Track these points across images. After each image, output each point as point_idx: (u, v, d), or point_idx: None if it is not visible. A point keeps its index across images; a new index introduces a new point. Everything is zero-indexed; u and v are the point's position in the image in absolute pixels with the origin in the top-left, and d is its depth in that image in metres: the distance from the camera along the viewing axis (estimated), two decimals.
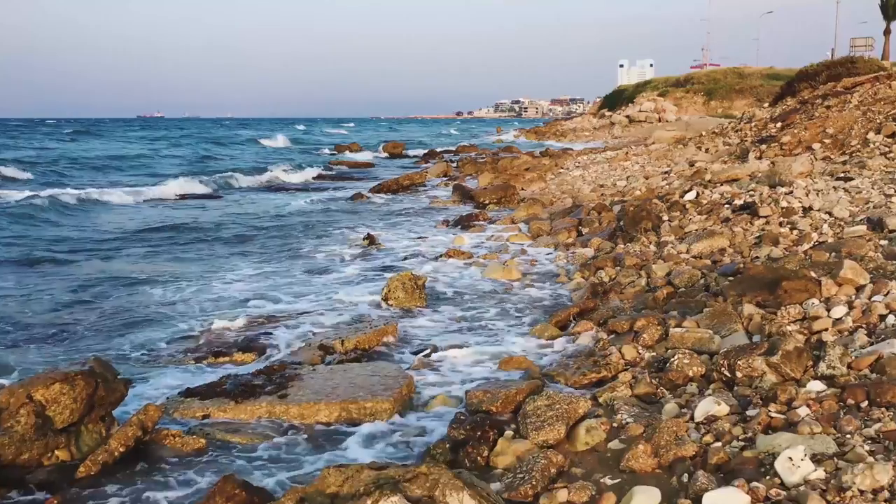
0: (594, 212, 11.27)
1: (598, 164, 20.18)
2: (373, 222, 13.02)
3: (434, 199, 16.46)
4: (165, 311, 7.10)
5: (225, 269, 9.19)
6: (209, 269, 9.21)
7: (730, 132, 18.50)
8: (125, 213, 14.97)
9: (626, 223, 9.73)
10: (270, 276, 8.67)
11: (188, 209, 15.89)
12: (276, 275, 8.69)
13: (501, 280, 7.96)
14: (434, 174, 23.02)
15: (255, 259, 9.89)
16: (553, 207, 13.95)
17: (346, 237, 11.34)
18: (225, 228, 12.80)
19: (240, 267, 9.26)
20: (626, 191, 14.60)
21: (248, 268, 9.20)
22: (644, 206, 10.68)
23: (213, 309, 7.10)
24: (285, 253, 10.30)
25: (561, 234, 10.24)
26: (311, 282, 8.18)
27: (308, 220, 13.77)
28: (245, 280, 8.45)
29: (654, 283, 7.35)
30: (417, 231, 11.77)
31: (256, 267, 9.26)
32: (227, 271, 9.02)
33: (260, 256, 10.09)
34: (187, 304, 7.36)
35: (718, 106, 52.17)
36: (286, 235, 11.86)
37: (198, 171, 25.53)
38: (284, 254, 10.24)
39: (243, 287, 8.07)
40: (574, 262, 8.70)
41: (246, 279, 8.49)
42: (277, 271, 8.93)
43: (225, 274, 8.83)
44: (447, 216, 13.42)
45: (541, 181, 18.03)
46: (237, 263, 9.50)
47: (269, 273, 8.83)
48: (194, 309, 7.13)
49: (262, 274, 8.80)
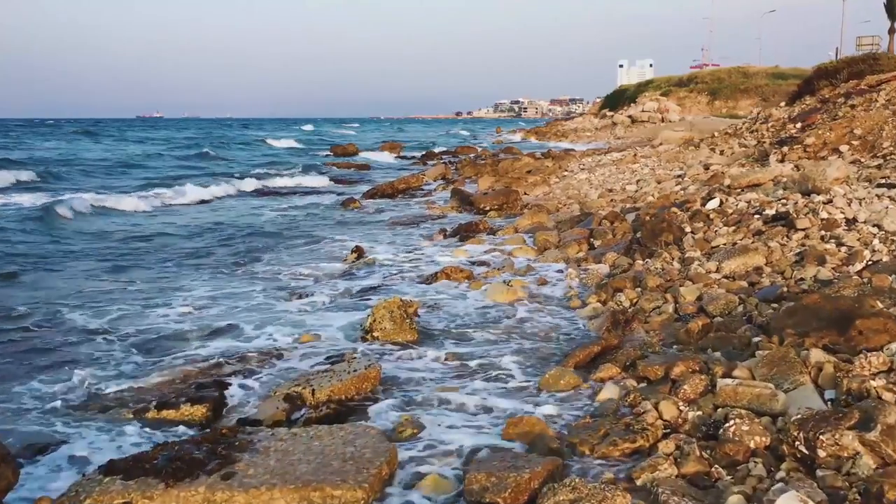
0: (606, 221, 10.23)
1: (604, 166, 19.14)
2: (362, 232, 11.96)
3: (431, 204, 15.42)
4: (97, 344, 5.95)
5: (178, 290, 7.90)
6: (159, 290, 7.93)
7: (744, 133, 17.46)
8: (89, 222, 13.81)
9: (644, 236, 8.70)
10: (233, 299, 7.42)
11: (161, 216, 14.73)
12: (239, 298, 7.48)
13: (505, 304, 6.92)
14: (432, 177, 21.98)
15: (217, 278, 8.55)
16: (559, 214, 12.92)
17: (329, 250, 10.26)
18: (189, 241, 11.47)
19: (196, 288, 8.00)
20: (637, 196, 13.56)
21: (206, 289, 7.96)
22: (663, 217, 9.65)
23: (158, 343, 5.99)
24: (254, 270, 9.05)
25: (570, 246, 9.19)
26: (281, 308, 7.04)
27: (289, 229, 12.63)
28: (200, 306, 7.16)
29: (684, 310, 6.31)
30: (411, 242, 10.73)
31: (217, 287, 8.01)
32: (181, 294, 7.71)
33: (223, 274, 8.82)
34: (125, 335, 6.18)
35: (723, 106, 51.11)
36: (259, 249, 10.54)
37: (195, 174, 24.56)
38: (253, 271, 8.98)
39: (198, 315, 6.84)
40: (588, 281, 7.65)
41: (202, 305, 7.21)
42: (241, 293, 7.68)
43: (177, 297, 7.54)
44: (445, 225, 12.38)
45: (544, 185, 16.99)
46: (194, 284, 8.23)
47: (231, 295, 7.59)
48: (134, 342, 6.03)
49: (223, 297, 7.55)
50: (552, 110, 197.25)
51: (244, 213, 15.15)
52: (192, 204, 17.19)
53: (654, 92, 57.40)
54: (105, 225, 13.39)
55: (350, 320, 6.43)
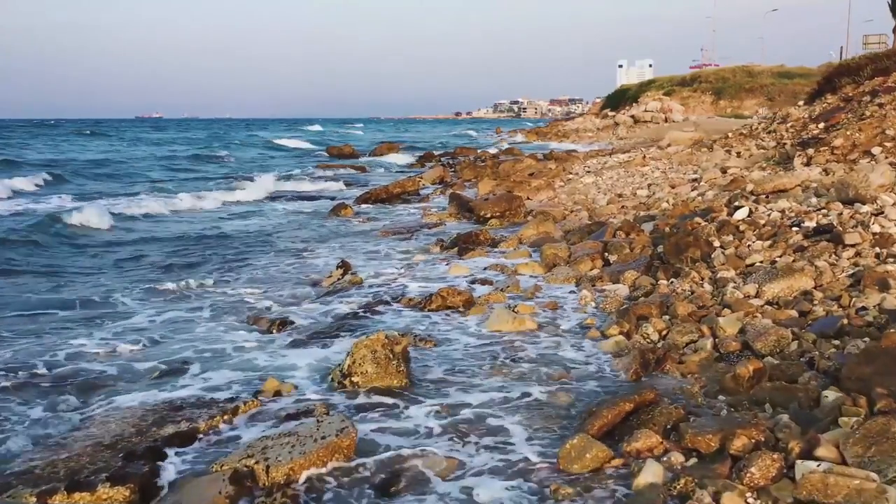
0: (621, 233, 9.18)
1: (611, 169, 18.11)
2: (351, 243, 10.91)
3: (427, 211, 14.37)
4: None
5: (115, 317, 6.67)
6: (91, 317, 6.70)
7: (761, 133, 16.42)
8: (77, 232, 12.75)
9: (667, 251, 7.66)
10: (182, 330, 6.23)
11: (132, 227, 13.61)
12: (189, 328, 6.27)
13: (511, 334, 5.88)
14: (429, 180, 20.93)
15: (167, 301, 7.42)
16: (566, 223, 11.87)
17: (311, 266, 9.20)
18: (146, 254, 10.29)
19: (137, 313, 6.79)
20: (651, 203, 12.52)
21: (150, 314, 6.73)
22: (688, 228, 8.62)
23: (82, 389, 4.87)
24: (214, 292, 7.81)
25: (582, 262, 8.15)
26: (241, 341, 5.85)
27: (266, 240, 11.48)
28: (141, 339, 5.99)
29: (726, 347, 5.27)
30: (405, 256, 9.68)
31: (163, 313, 6.75)
32: (118, 322, 6.51)
33: (174, 297, 7.62)
34: (39, 377, 5.08)
35: (727, 106, 50.08)
36: (226, 264, 9.37)
37: (188, 178, 23.59)
38: (212, 293, 7.76)
39: (137, 351, 5.69)
40: (606, 305, 6.61)
41: (142, 337, 6.04)
42: (193, 322, 6.48)
43: (112, 326, 6.33)
44: (441, 234, 11.34)
45: (548, 189, 15.95)
46: (135, 307, 7.06)
47: (180, 325, 6.39)
48: (50, 386, 4.92)
49: (170, 326, 6.35)
50: (551, 110, 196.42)
51: (221, 223, 14.05)
52: (178, 212, 16.09)
53: (656, 91, 56.34)
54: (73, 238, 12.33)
55: (325, 360, 5.38)
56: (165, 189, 19.83)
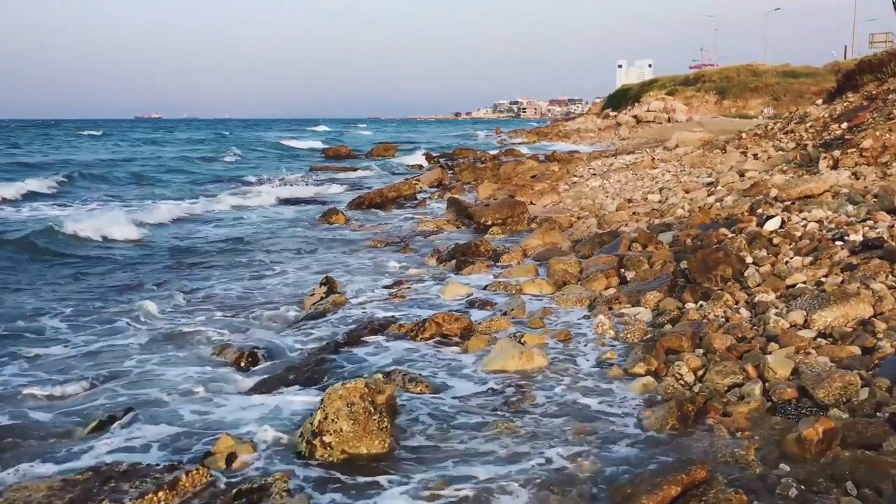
0: (637, 245, 8.25)
1: (618, 171, 17.18)
2: (339, 255, 9.97)
3: (423, 217, 13.44)
4: None
5: (33, 345, 5.71)
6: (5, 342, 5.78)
7: (778, 134, 15.49)
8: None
9: (693, 268, 6.73)
10: (119, 365, 5.23)
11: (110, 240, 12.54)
12: (133, 361, 5.30)
13: (516, 375, 4.96)
14: (427, 182, 19.99)
15: (110, 328, 6.33)
16: (574, 231, 10.95)
17: (293, 282, 8.26)
18: (105, 270, 9.25)
19: (70, 341, 5.78)
20: (665, 209, 11.60)
21: (82, 342, 5.78)
22: (711, 239, 7.69)
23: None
24: (171, 318, 6.68)
25: (596, 280, 7.22)
26: (196, 382, 4.92)
27: (249, 251, 10.45)
28: (63, 379, 5.01)
29: (779, 395, 4.35)
30: (396, 271, 8.75)
31: (100, 343, 5.77)
32: (35, 353, 5.57)
33: (120, 322, 6.51)
34: None
35: (732, 105, 49.10)
36: (192, 283, 8.33)
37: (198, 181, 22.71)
38: (169, 319, 6.65)
39: (61, 398, 4.73)
40: (627, 335, 5.69)
41: (65, 377, 5.05)
42: (141, 353, 5.50)
43: (24, 357, 5.44)
44: (438, 244, 10.42)
45: (553, 193, 15.02)
46: (66, 335, 6.01)
47: (119, 359, 5.38)
48: None
49: (107, 360, 5.37)
50: (551, 111, 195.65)
51: (199, 228, 13.09)
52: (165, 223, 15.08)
53: (658, 91, 55.38)
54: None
55: (294, 408, 4.45)
56: (167, 195, 18.88)
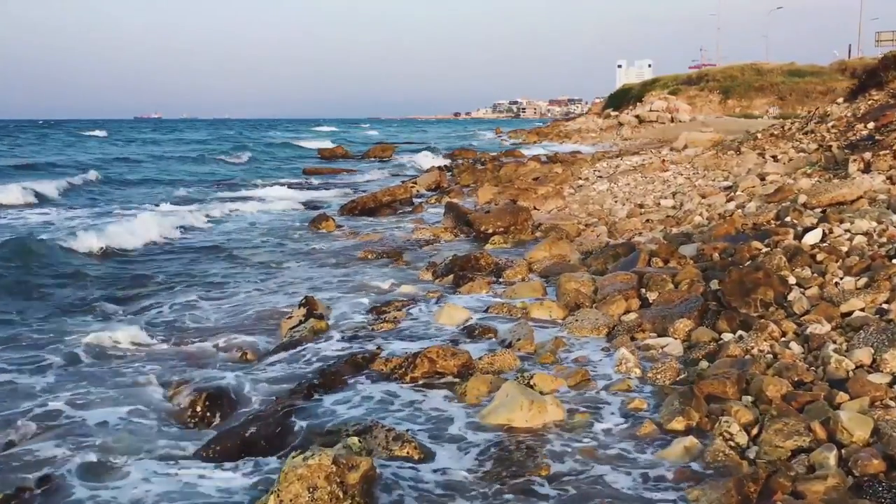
0: (658, 259, 7.31)
1: (626, 174, 16.24)
2: (325, 269, 9.02)
3: (420, 224, 12.50)
4: None
5: None
6: None
7: (796, 134, 14.58)
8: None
9: (728, 290, 5.80)
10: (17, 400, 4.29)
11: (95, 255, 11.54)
12: (25, 399, 4.34)
13: (525, 434, 4.03)
14: (424, 185, 19.06)
15: (24, 361, 5.32)
16: (583, 241, 10.03)
17: (268, 303, 7.30)
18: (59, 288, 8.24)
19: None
20: (681, 217, 10.67)
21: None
22: (743, 253, 6.76)
23: None
24: (104, 349, 5.64)
25: (614, 302, 6.29)
26: (132, 443, 4.06)
27: (224, 265, 9.39)
28: None
29: (861, 467, 3.44)
30: (387, 289, 7.81)
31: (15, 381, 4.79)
32: None
33: (57, 360, 5.43)
34: None
35: (736, 105, 48.16)
36: (160, 301, 7.34)
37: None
38: (110, 352, 5.62)
39: None
40: (657, 374, 4.76)
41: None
42: (46, 392, 4.54)
43: None
44: (435, 254, 9.50)
45: (557, 197, 14.09)
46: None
47: (18, 399, 4.44)
48: None
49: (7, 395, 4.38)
50: (550, 111, 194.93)
51: (171, 239, 12.05)
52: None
53: (661, 90, 54.42)
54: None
55: (245, 484, 3.51)
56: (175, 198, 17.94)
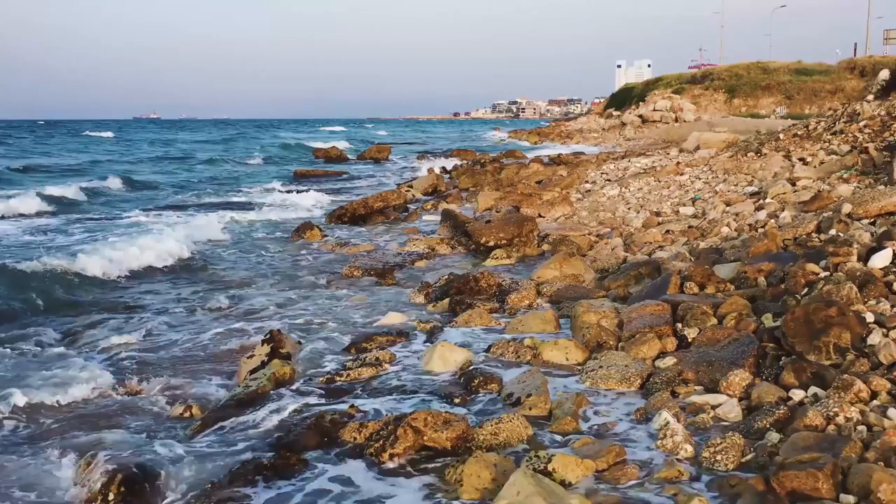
0: (691, 284, 6.12)
1: (637, 177, 15.07)
2: (301, 292, 7.80)
3: (412, 235, 11.31)
4: None
5: None
6: None
7: (824, 134, 13.42)
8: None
9: (792, 331, 4.63)
10: None
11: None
12: None
13: None
14: (420, 189, 17.88)
15: None
16: (597, 256, 8.86)
17: (228, 336, 6.13)
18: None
19: None
20: (705, 227, 9.52)
21: None
22: (798, 278, 5.59)
23: None
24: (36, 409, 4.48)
25: (645, 342, 5.11)
26: None
27: (189, 284, 8.19)
28: None
29: None
30: (371, 317, 6.64)
31: None
32: None
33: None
34: None
35: (742, 104, 46.97)
36: (83, 336, 6.12)
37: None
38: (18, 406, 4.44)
39: None
40: (714, 455, 3.59)
41: None
42: None
43: None
44: (430, 271, 8.34)
45: (564, 203, 12.91)
46: None
47: None
48: None
49: None
50: (550, 111, 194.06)
51: (139, 252, 10.91)
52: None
53: (664, 90, 53.24)
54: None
55: None
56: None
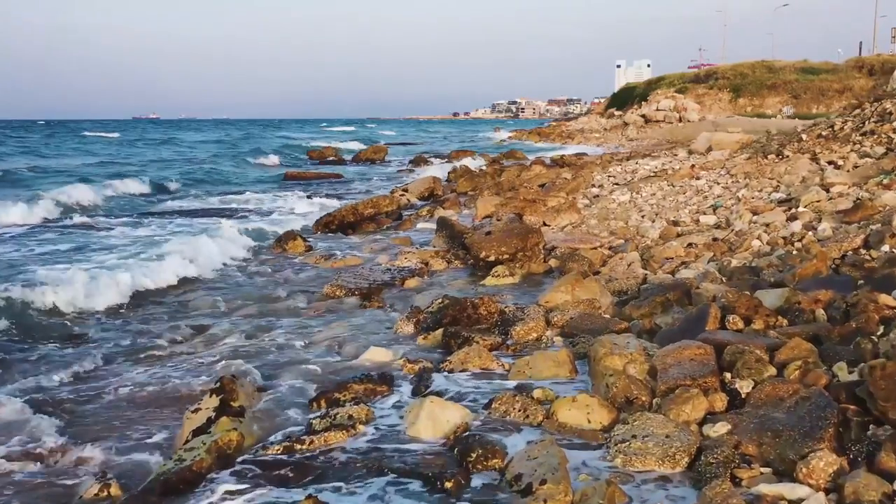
0: (735, 318, 5.05)
1: (647, 181, 14.00)
2: (273, 320, 6.70)
3: (405, 247, 10.24)
4: None
5: None
6: None
7: (853, 135, 12.38)
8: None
9: (884, 394, 3.56)
10: None
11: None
12: None
13: None
14: (415, 193, 16.80)
15: None
16: (613, 274, 7.78)
17: (176, 381, 5.05)
18: None
19: None
20: (733, 241, 8.46)
21: None
22: (869, 314, 4.53)
23: None
24: None
25: (688, 401, 4.04)
26: None
27: (144, 310, 7.14)
28: None
29: None
30: (349, 354, 5.58)
31: None
32: None
33: None
34: None
35: (748, 104, 45.96)
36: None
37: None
38: None
39: None
40: None
41: None
42: None
43: None
44: (419, 296, 7.27)
45: (571, 211, 11.84)
46: None
47: None
48: None
49: None
50: (549, 111, 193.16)
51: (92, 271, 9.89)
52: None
53: (667, 89, 52.22)
54: None
55: None
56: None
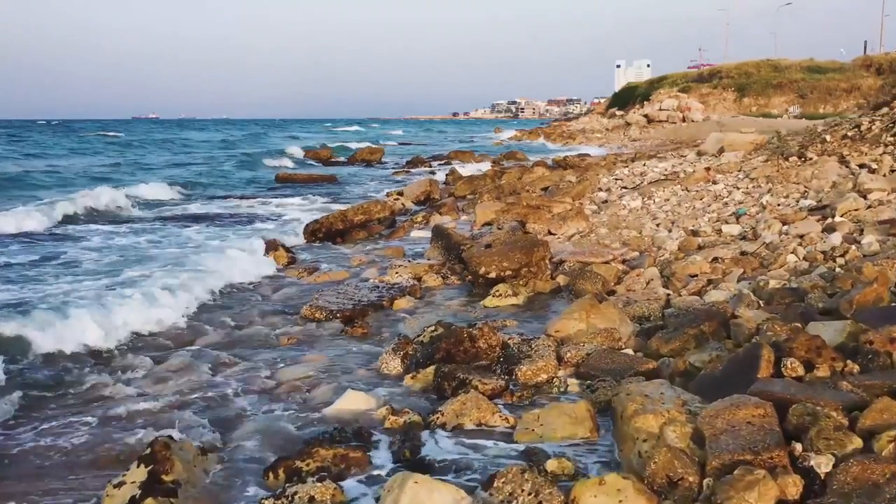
0: (793, 362, 4.10)
1: (659, 185, 13.05)
2: (235, 351, 5.75)
3: (395, 260, 9.25)
4: None
5: None
6: None
7: (883, 136, 11.44)
8: None
9: None
10: None
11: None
12: None
13: None
14: (411, 197, 15.82)
15: None
16: (631, 294, 6.84)
17: (106, 441, 4.09)
18: None
19: None
20: (764, 256, 7.51)
21: None
22: None
23: None
24: None
25: (753, 488, 3.07)
26: None
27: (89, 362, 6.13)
28: None
29: None
30: (320, 396, 4.63)
31: None
32: None
33: None
34: None
35: (753, 104, 45.00)
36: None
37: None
38: None
39: None
40: None
41: None
42: None
43: None
44: (409, 321, 6.31)
45: (579, 218, 10.87)
46: None
47: None
48: None
49: None
50: (549, 111, 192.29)
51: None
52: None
53: (670, 88, 51.27)
54: None
55: None
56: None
